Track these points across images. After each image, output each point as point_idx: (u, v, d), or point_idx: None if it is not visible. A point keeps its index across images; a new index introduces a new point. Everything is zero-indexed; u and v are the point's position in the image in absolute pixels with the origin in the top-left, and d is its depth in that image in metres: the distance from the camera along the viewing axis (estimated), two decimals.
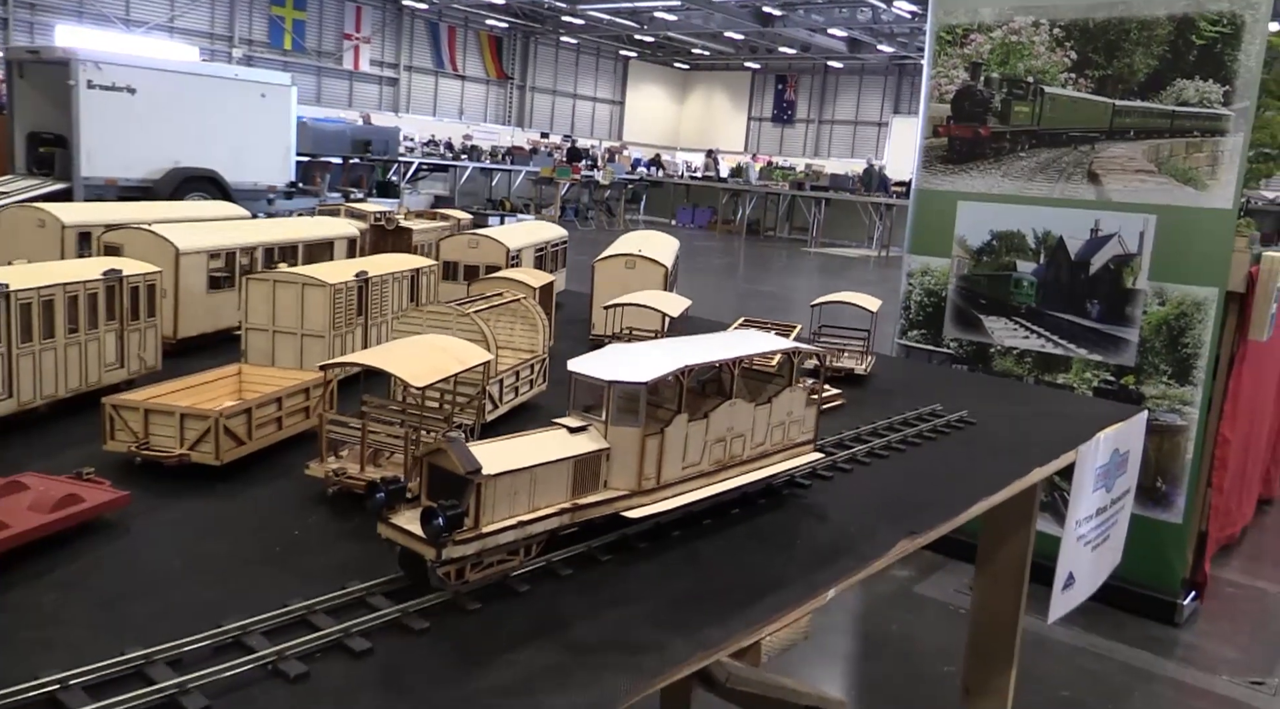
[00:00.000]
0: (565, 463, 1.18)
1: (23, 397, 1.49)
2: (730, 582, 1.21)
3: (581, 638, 1.03)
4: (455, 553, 1.04)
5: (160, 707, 0.83)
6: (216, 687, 0.87)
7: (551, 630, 1.04)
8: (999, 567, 2.40)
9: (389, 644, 0.98)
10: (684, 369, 1.27)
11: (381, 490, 1.08)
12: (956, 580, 4.45)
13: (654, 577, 1.20)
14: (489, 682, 0.93)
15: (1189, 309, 4.09)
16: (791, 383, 1.48)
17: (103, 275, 1.63)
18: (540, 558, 1.18)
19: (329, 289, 1.76)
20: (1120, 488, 2.28)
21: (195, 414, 1.34)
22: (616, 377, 1.21)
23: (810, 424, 1.52)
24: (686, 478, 1.31)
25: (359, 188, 21.61)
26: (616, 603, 1.12)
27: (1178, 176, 4.07)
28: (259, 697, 0.87)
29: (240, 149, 15.81)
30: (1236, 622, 4.38)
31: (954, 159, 4.62)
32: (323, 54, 36.61)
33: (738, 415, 1.38)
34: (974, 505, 1.57)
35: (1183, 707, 3.63)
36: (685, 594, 1.16)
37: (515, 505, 1.12)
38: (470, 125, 37.89)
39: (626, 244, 2.65)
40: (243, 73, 17.12)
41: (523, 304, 1.90)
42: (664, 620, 1.08)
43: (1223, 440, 4.30)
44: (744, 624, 1.09)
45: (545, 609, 1.09)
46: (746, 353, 1.41)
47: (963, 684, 2.53)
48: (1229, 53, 3.93)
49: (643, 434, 1.23)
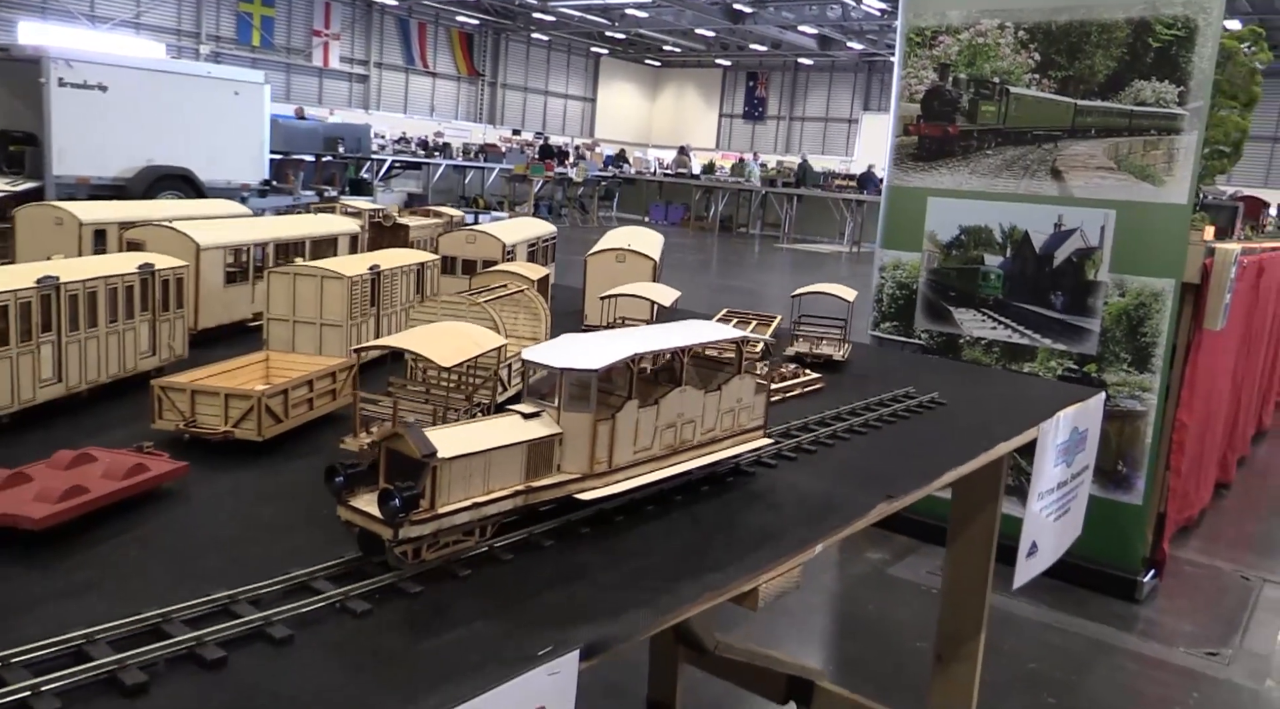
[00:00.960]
0: (519, 447, 1.21)
1: (70, 381, 1.61)
2: (728, 539, 1.35)
3: (605, 582, 1.17)
4: (412, 533, 1.08)
5: (250, 635, 0.96)
6: (294, 620, 1.00)
7: (576, 575, 1.18)
8: (968, 541, 2.56)
9: (440, 586, 1.11)
10: (634, 357, 1.32)
11: (340, 474, 1.11)
12: (928, 563, 4.62)
13: (659, 535, 1.34)
14: (531, 615, 1.06)
15: (1147, 300, 4.29)
16: (741, 371, 1.52)
17: (138, 269, 1.75)
18: (538, 524, 1.29)
19: (347, 281, 1.89)
20: (1080, 464, 2.45)
21: (238, 394, 1.47)
22: (569, 364, 1.25)
23: (760, 411, 1.57)
24: (638, 462, 1.35)
25: (332, 186, 21.57)
26: (632, 554, 1.26)
27: (1136, 173, 4.27)
28: (333, 630, 1.00)
29: (213, 147, 15.77)
30: (1193, 598, 4.59)
31: (924, 157, 4.80)
32: (292, 51, 36.38)
33: (688, 402, 1.42)
34: (945, 474, 1.72)
35: (1143, 677, 3.82)
36: (688, 549, 1.30)
37: (470, 488, 1.15)
38: (441, 122, 37.82)
39: (616, 239, 2.79)
40: (216, 70, 17.08)
41: (526, 295, 2.04)
42: (671, 572, 1.22)
43: (1180, 425, 4.50)
44: (743, 571, 1.23)
45: (568, 561, 1.23)
46: (696, 342, 1.45)
47: (935, 652, 2.69)
48: (1183, 55, 4.12)
49: (594, 419, 1.27)
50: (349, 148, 22.46)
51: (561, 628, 1.03)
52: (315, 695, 0.89)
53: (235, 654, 0.93)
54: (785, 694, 2.95)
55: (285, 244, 2.39)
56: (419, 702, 0.88)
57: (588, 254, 2.64)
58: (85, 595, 1.03)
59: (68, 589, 1.04)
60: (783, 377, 2.23)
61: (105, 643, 0.91)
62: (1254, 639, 4.18)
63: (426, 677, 0.92)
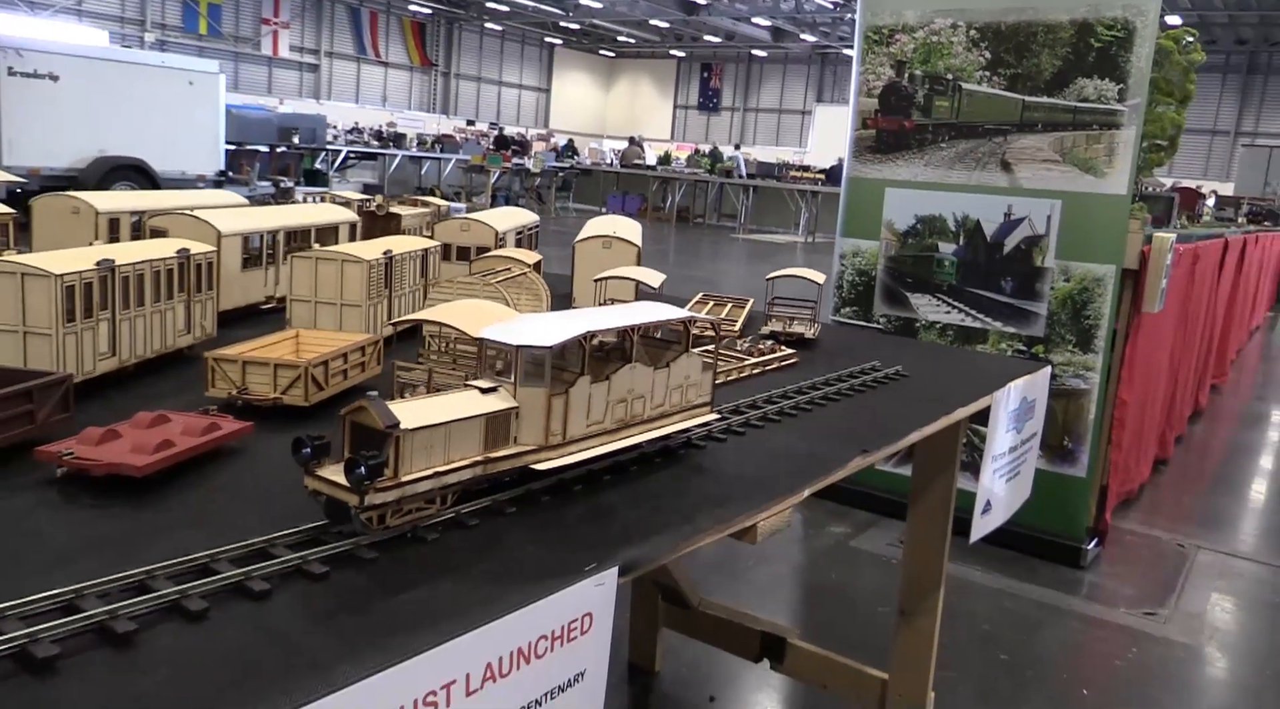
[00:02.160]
0: (478, 419, 1.27)
1: (122, 355, 1.76)
2: (728, 488, 1.54)
3: (630, 522, 1.36)
4: (376, 500, 1.13)
5: (340, 556, 1.14)
6: (376, 546, 1.17)
7: (604, 514, 1.37)
8: (927, 504, 2.79)
9: (491, 522, 1.30)
10: (586, 335, 1.39)
11: (307, 446, 1.16)
12: (887, 536, 4.87)
13: (667, 481, 1.53)
14: (572, 543, 1.25)
15: (1090, 284, 4.56)
16: (689, 349, 1.59)
17: (176, 254, 1.90)
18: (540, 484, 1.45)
19: (365, 265, 2.05)
20: (1029, 431, 2.69)
21: (286, 364, 1.63)
22: (523, 341, 1.32)
23: (707, 388, 1.64)
24: (591, 434, 1.42)
25: (287, 176, 21.42)
26: (653, 496, 1.45)
27: (1080, 165, 4.53)
28: (411, 556, 1.18)
29: (168, 138, 15.64)
30: (1133, 565, 4.89)
31: (881, 149, 5.03)
32: (240, 39, 35.90)
33: (638, 378, 1.49)
34: (911, 434, 1.94)
35: (1087, 635, 4.10)
36: (698, 496, 1.49)
37: (432, 457, 1.20)
38: (394, 113, 37.53)
39: (600, 226, 2.96)
40: (170, 60, 16.87)
41: (528, 276, 2.22)
42: (686, 509, 1.41)
43: (1121, 403, 4.79)
44: (747, 508, 1.43)
45: (594, 503, 1.41)
46: (644, 321, 1.52)
47: (899, 607, 2.92)
48: (1122, 55, 4.39)
49: (549, 394, 1.34)
50: (304, 138, 22.28)
51: (599, 553, 1.22)
52: (429, 592, 1.06)
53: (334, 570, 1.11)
54: (759, 652, 3.16)
55: (294, 231, 2.54)
56: (505, 599, 1.06)
57: (576, 241, 2.82)
58: (192, 528, 1.19)
59: (175, 523, 1.21)
60: (761, 352, 2.44)
61: (226, 560, 1.09)
62: (1188, 601, 4.48)
63: (498, 588, 1.10)
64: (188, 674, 0.89)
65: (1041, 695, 3.59)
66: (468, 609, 1.04)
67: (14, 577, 1.03)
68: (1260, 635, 4.29)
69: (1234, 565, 5.02)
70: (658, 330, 1.68)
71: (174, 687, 0.87)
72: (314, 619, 1.01)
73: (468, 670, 1.00)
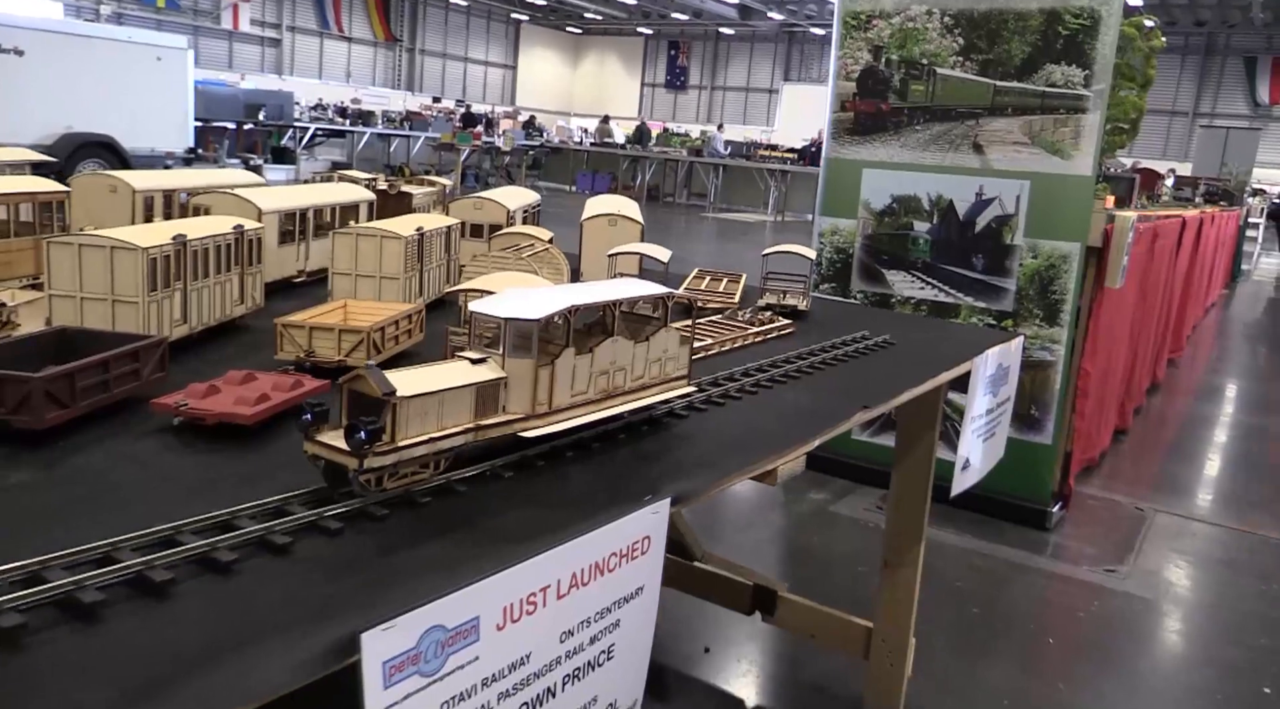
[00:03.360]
0: (469, 388, 1.33)
1: (191, 322, 1.92)
2: (745, 438, 1.74)
3: (668, 466, 1.55)
4: (375, 463, 1.19)
5: (436, 490, 1.32)
6: (472, 481, 1.36)
7: (649, 459, 1.56)
8: (911, 463, 3.01)
9: (557, 466, 1.48)
10: (571, 309, 1.45)
11: (308, 412, 1.21)
12: (865, 501, 5.12)
13: (679, 438, 1.72)
14: (627, 482, 1.44)
15: (1057, 261, 4.81)
16: (667, 324, 1.67)
17: (233, 230, 2.06)
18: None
19: (404, 241, 2.22)
20: (1003, 395, 2.91)
21: (350, 329, 1.80)
22: (511, 315, 1.38)
23: (684, 361, 1.71)
24: (576, 404, 1.49)
25: (254, 153, 21.28)
26: (674, 449, 1.65)
27: (1047, 148, 4.77)
28: (497, 489, 1.37)
29: (136, 114, 15.51)
30: (1095, 526, 5.18)
31: (859, 131, 5.24)
32: (199, 13, 35.30)
33: (619, 351, 1.56)
34: (904, 393, 2.15)
35: (1052, 590, 4.37)
36: (724, 447, 1.69)
37: (426, 424, 1.26)
38: (358, 89, 37.17)
39: (604, 205, 3.14)
40: (137, 35, 16.73)
41: (550, 251, 2.40)
42: (711, 457, 1.60)
43: (1084, 374, 5.06)
44: (766, 452, 1.63)
45: (637, 452, 1.60)
46: (625, 296, 1.60)
47: (883, 559, 3.15)
48: (1088, 42, 4.62)
49: (535, 365, 1.40)
50: (270, 115, 22.09)
51: (650, 486, 1.41)
52: (520, 519, 1.25)
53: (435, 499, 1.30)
54: (751, 605, 3.39)
55: (320, 209, 2.70)
56: (579, 524, 1.25)
57: (583, 219, 3.00)
58: (291, 470, 1.37)
59: (279, 466, 1.38)
60: (761, 322, 2.64)
61: (340, 493, 1.27)
62: (1146, 559, 4.77)
63: (572, 514, 1.29)
64: (331, 572, 1.08)
65: (1011, 644, 3.85)
66: (546, 531, 1.22)
67: (164, 502, 1.20)
68: (1211, 590, 4.59)
69: (1189, 527, 5.33)
70: (636, 305, 1.72)
71: (317, 582, 1.05)
72: (430, 535, 1.20)
73: (559, 577, 1.19)
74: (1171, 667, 3.89)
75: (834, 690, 3.44)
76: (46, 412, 1.34)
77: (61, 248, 1.74)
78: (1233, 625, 4.16)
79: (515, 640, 1.13)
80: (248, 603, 1.01)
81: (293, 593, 1.03)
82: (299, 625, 0.96)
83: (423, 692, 1.01)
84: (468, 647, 1.06)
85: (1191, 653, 3.97)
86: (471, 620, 1.06)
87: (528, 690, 1.17)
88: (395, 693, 0.98)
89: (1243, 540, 5.18)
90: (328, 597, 1.02)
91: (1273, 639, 4.02)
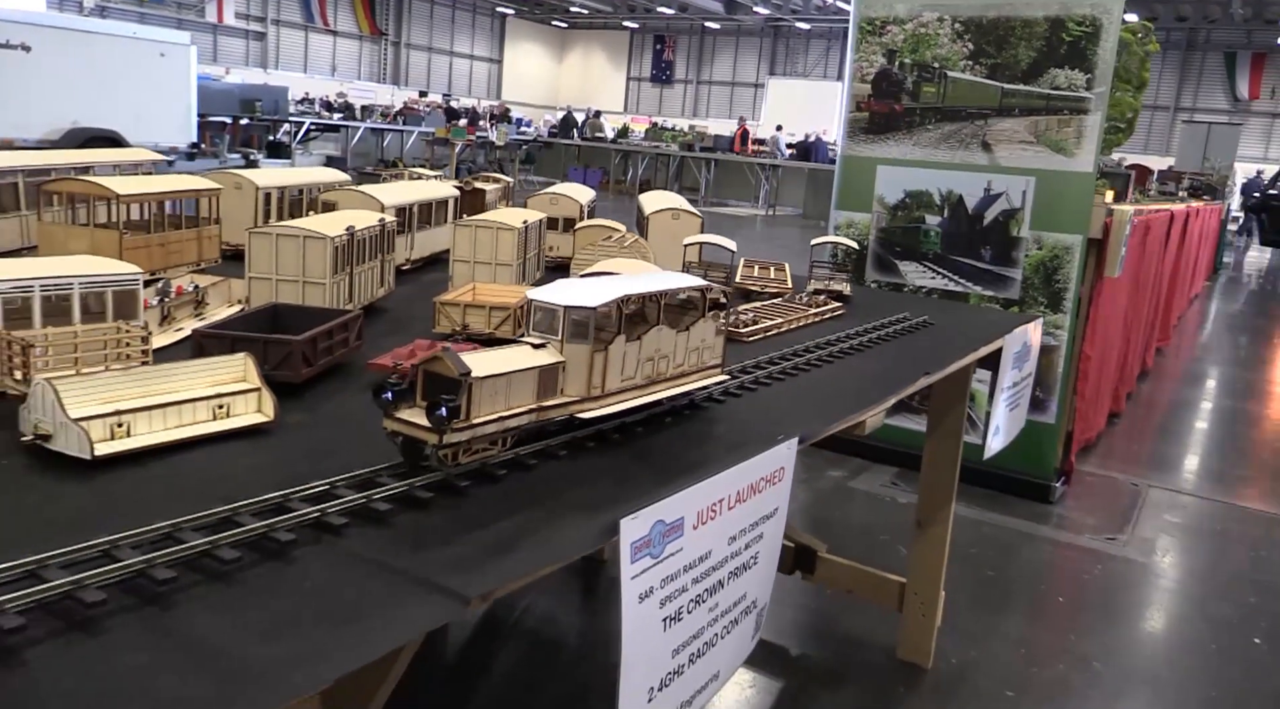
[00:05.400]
0: (533, 372, 1.40)
1: (356, 302, 2.24)
2: (831, 401, 2.07)
3: (782, 417, 1.88)
4: (452, 439, 1.24)
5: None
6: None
7: (770, 416, 1.89)
8: (943, 431, 3.36)
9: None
10: (623, 298, 1.53)
11: (388, 391, 1.26)
12: (880, 478, 5.47)
13: (790, 392, 2.05)
14: (759, 432, 1.77)
15: (1060, 252, 5.17)
16: (704, 314, 1.73)
17: (379, 222, 2.37)
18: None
19: (518, 232, 2.54)
20: (1026, 370, 3.26)
21: (499, 306, 2.13)
22: (570, 303, 1.45)
23: (719, 350, 1.78)
24: (625, 388, 1.56)
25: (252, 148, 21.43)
26: (796, 399, 1.97)
27: (1051, 146, 5.13)
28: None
29: (140, 109, 15.71)
30: (1095, 499, 5.55)
31: (874, 130, 5.58)
32: (183, 6, 35.23)
33: (663, 339, 1.63)
34: (956, 361, 2.49)
35: (1058, 556, 4.74)
36: (823, 401, 2.02)
37: (496, 404, 1.33)
38: (344, 83, 37.26)
39: (660, 201, 3.46)
40: (141, 31, 16.89)
41: (638, 242, 2.72)
42: (805, 415, 1.93)
43: (1085, 357, 5.43)
44: (855, 408, 1.97)
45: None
46: (670, 287, 1.68)
47: (916, 519, 3.50)
48: (1090, 48, 4.98)
49: (591, 351, 1.46)
50: (266, 109, 22.24)
51: (779, 430, 1.74)
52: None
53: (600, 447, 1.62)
54: (792, 565, 3.72)
55: (424, 205, 3.02)
56: (725, 458, 1.58)
57: (649, 213, 3.32)
58: None
59: None
60: (817, 304, 2.97)
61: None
62: (1142, 528, 5.15)
63: (719, 449, 1.62)
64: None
65: (1024, 602, 4.21)
66: (698, 465, 1.54)
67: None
68: (1202, 555, 4.97)
69: (1180, 500, 5.71)
70: (678, 296, 1.80)
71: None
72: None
73: (729, 492, 1.52)
74: (1170, 621, 4.26)
75: (868, 641, 3.78)
76: (302, 367, 1.66)
77: (261, 237, 2.05)
78: (1224, 586, 4.54)
79: (704, 538, 1.46)
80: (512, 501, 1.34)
81: None
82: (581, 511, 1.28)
83: (651, 569, 1.34)
84: (677, 539, 1.39)
85: (1188, 610, 4.34)
86: (679, 519, 1.39)
87: (708, 580, 1.50)
88: (637, 567, 1.31)
89: (1230, 512, 5.57)
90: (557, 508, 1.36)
91: (1261, 598, 4.40)
